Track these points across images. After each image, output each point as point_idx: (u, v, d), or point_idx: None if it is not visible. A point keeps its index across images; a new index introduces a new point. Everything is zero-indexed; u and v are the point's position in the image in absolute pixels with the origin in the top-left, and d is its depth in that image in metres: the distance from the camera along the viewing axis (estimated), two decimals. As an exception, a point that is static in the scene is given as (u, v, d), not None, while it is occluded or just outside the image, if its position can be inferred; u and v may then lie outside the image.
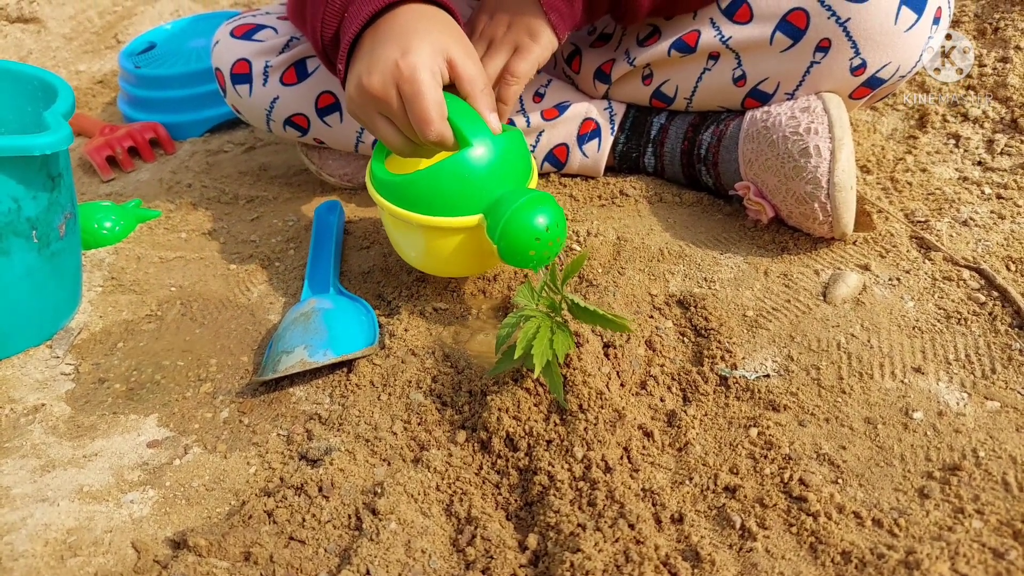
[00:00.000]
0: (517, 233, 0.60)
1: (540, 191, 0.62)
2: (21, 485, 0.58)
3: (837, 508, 0.49)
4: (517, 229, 0.60)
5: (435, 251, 0.66)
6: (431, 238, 0.64)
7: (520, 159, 0.64)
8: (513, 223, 0.59)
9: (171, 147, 1.13)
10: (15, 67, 0.77)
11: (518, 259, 0.61)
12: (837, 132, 0.68)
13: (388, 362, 0.66)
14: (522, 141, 0.66)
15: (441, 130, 0.60)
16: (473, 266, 0.71)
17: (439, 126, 0.60)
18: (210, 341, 0.73)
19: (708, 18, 0.75)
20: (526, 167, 0.66)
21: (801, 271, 0.71)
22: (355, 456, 0.57)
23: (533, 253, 0.60)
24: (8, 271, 0.68)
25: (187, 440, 0.62)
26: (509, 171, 0.63)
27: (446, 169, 0.61)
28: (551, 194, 0.67)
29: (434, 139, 0.60)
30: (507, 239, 0.60)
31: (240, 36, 0.86)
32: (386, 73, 0.60)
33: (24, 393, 0.68)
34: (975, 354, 0.60)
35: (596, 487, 0.51)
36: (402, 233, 0.67)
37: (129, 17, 1.54)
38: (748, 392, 0.59)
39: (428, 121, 0.59)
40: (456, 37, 0.63)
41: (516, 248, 0.60)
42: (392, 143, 0.64)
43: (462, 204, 0.62)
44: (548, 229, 0.60)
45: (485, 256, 0.67)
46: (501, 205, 0.60)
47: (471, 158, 0.60)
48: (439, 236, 0.64)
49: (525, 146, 0.66)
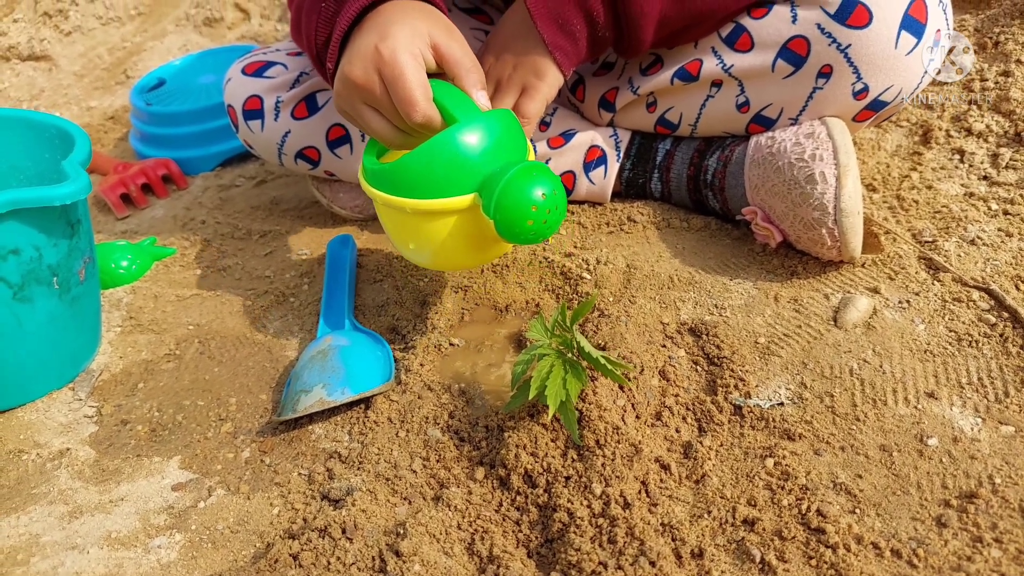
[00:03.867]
0: (512, 204, 0.57)
1: (534, 161, 0.60)
2: (50, 532, 0.59)
3: (855, 539, 0.50)
4: (512, 199, 0.57)
5: (433, 239, 0.63)
6: (426, 224, 0.61)
7: (513, 137, 0.62)
8: (507, 194, 0.57)
9: (183, 183, 1.14)
10: (32, 115, 0.79)
11: (516, 232, 0.58)
12: (842, 158, 0.68)
13: (405, 398, 0.67)
14: (514, 120, 0.63)
15: (427, 111, 0.58)
16: (475, 255, 0.67)
17: (424, 107, 0.58)
18: (229, 379, 0.74)
19: (710, 47, 0.76)
20: (520, 146, 0.63)
21: (811, 296, 0.72)
22: (376, 496, 0.58)
23: (531, 223, 0.58)
24: (31, 318, 0.69)
25: (210, 482, 0.63)
26: (501, 148, 0.60)
27: (435, 148, 0.58)
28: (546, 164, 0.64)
29: (420, 121, 0.59)
30: (503, 211, 0.57)
31: (251, 73, 0.88)
32: (366, 59, 0.59)
33: (49, 437, 0.69)
34: (987, 377, 0.60)
35: (616, 524, 0.51)
36: (398, 224, 0.64)
37: (138, 53, 1.56)
38: (763, 421, 0.60)
39: (413, 103, 0.58)
40: (438, 22, 0.62)
41: (513, 220, 0.58)
42: (381, 134, 0.63)
43: (455, 185, 0.59)
44: (545, 197, 0.58)
45: (487, 243, 0.64)
46: (494, 179, 0.58)
47: (460, 135, 0.58)
48: (434, 221, 0.61)
49: (518, 125, 0.63)
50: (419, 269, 0.84)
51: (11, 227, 0.64)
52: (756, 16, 0.73)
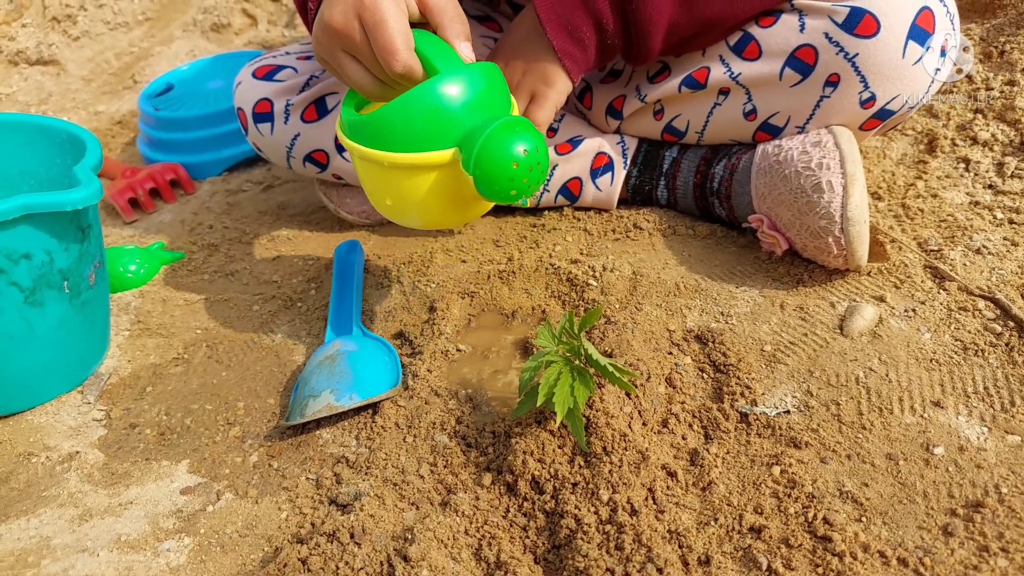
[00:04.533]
0: (493, 159, 0.55)
1: (517, 116, 0.58)
2: (61, 535, 0.59)
3: (862, 547, 0.50)
4: (492, 154, 0.55)
5: (411, 195, 0.60)
6: (404, 179, 0.59)
7: (497, 91, 0.59)
8: (488, 148, 0.55)
9: (191, 187, 1.15)
10: (43, 121, 0.80)
11: (497, 189, 0.57)
12: (849, 168, 0.69)
13: (412, 403, 0.67)
14: (497, 73, 0.60)
15: (407, 60, 0.56)
16: (454, 213, 0.65)
17: (405, 56, 0.56)
18: (236, 384, 0.75)
19: (717, 55, 0.77)
20: (504, 101, 0.60)
21: (817, 304, 0.72)
22: (384, 501, 0.58)
23: (511, 180, 0.56)
24: (41, 322, 0.70)
25: (219, 486, 0.63)
26: (484, 102, 0.58)
27: (415, 100, 0.56)
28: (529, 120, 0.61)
29: (400, 71, 0.56)
30: (483, 167, 0.55)
31: (261, 77, 0.89)
32: (347, 3, 0.57)
33: (58, 440, 0.70)
34: (993, 387, 0.61)
35: (623, 530, 0.52)
36: (376, 179, 0.62)
37: (146, 58, 1.57)
38: (769, 429, 0.60)
39: (393, 51, 0.56)
40: None
41: (493, 177, 0.56)
42: (360, 84, 0.61)
43: (435, 139, 0.57)
44: (527, 153, 0.56)
45: (466, 201, 0.62)
46: (475, 133, 0.56)
47: (441, 87, 0.56)
48: (412, 176, 0.59)
49: (502, 79, 0.61)
50: (426, 275, 0.84)
51: (23, 232, 0.65)
52: (764, 25, 0.74)
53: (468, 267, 0.85)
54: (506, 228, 0.92)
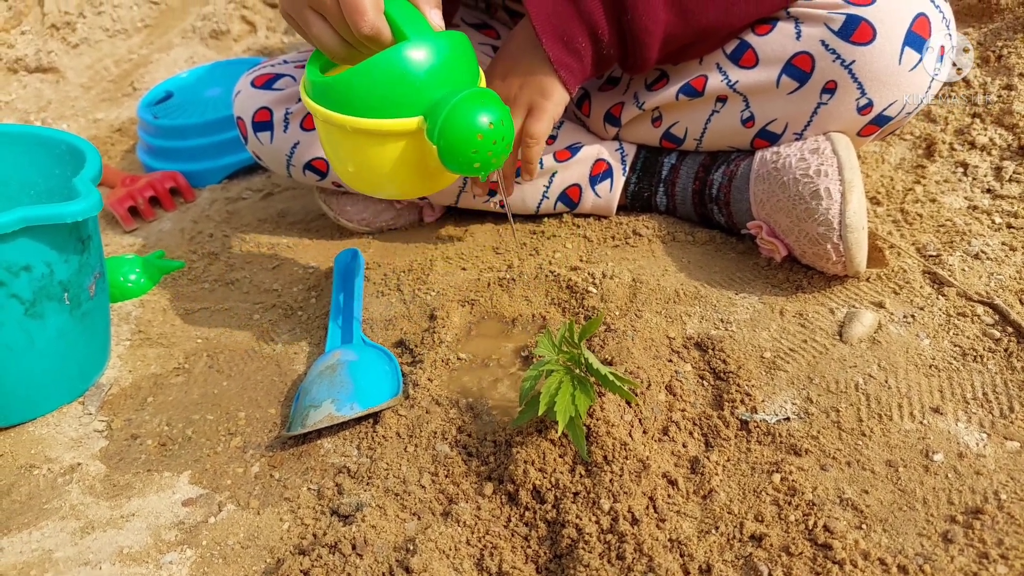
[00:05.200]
0: (457, 130, 0.55)
1: (484, 88, 0.58)
2: (63, 548, 0.59)
3: (862, 555, 0.50)
4: (457, 125, 0.55)
5: (374, 162, 0.59)
6: (368, 146, 0.58)
7: (465, 61, 0.59)
8: (452, 119, 0.55)
9: (191, 195, 1.15)
10: (43, 132, 0.80)
11: (460, 161, 0.57)
12: (847, 175, 0.69)
13: (413, 412, 0.67)
14: (467, 44, 0.60)
15: (375, 22, 0.55)
16: (415, 183, 0.63)
17: (373, 17, 0.55)
18: (237, 393, 0.75)
19: (714, 63, 0.77)
20: (472, 73, 0.60)
21: (816, 310, 0.72)
22: (386, 511, 0.58)
23: (475, 152, 0.56)
24: (42, 333, 0.70)
25: (220, 497, 0.63)
26: (451, 71, 0.57)
27: (381, 64, 0.55)
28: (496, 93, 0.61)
29: (368, 32, 0.56)
30: (446, 137, 0.55)
31: (261, 86, 0.89)
32: None
33: (60, 452, 0.70)
34: (992, 392, 0.61)
35: (624, 540, 0.52)
36: (338, 144, 0.61)
37: (145, 65, 1.57)
38: (769, 436, 0.60)
39: (361, 11, 0.54)
40: None
41: (457, 148, 0.56)
42: (325, 44, 0.59)
43: (400, 106, 0.56)
44: (492, 126, 0.56)
45: (429, 172, 0.61)
46: (440, 103, 0.56)
47: (408, 53, 0.55)
48: (377, 143, 0.58)
49: (471, 49, 0.60)
50: (426, 282, 0.85)
51: (23, 244, 0.65)
52: (760, 33, 0.74)
53: (468, 274, 0.86)
54: (506, 235, 0.92)
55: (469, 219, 0.96)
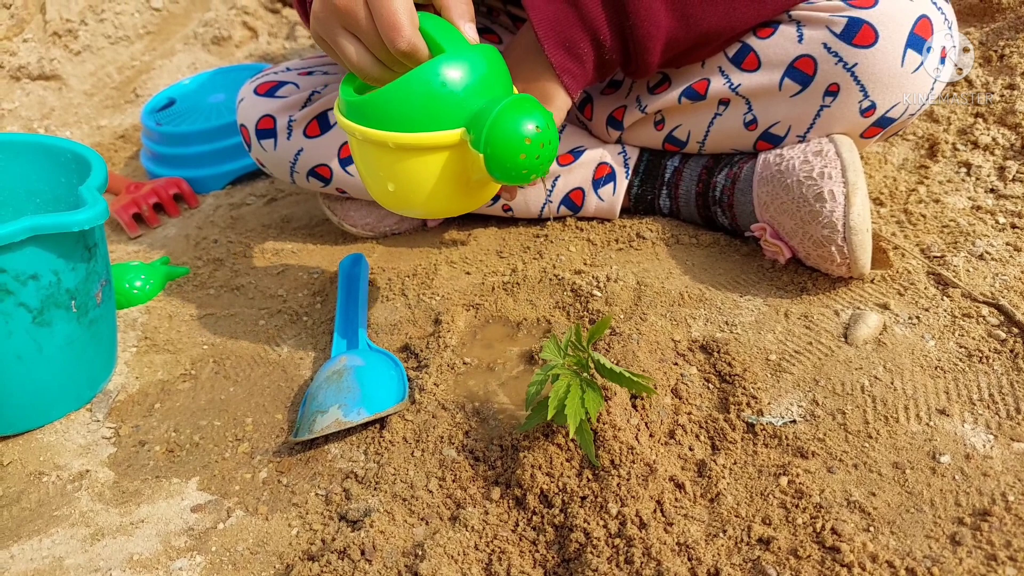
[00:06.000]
0: (505, 136, 0.55)
1: (524, 94, 0.58)
2: (73, 555, 0.60)
3: (871, 558, 0.50)
4: (504, 132, 0.55)
5: (415, 178, 0.59)
6: (410, 161, 0.58)
7: (500, 72, 0.59)
8: (499, 126, 0.55)
9: (195, 201, 1.16)
10: (48, 140, 0.80)
11: (508, 168, 0.56)
12: (850, 176, 0.69)
13: (419, 417, 0.68)
14: (499, 56, 0.60)
15: (412, 38, 0.55)
16: (458, 198, 0.63)
17: (410, 33, 0.54)
18: (244, 399, 0.75)
19: (717, 67, 0.77)
20: (507, 84, 0.60)
21: (821, 312, 0.72)
22: (394, 517, 0.58)
23: (523, 157, 0.56)
24: (50, 342, 0.70)
25: (229, 503, 0.64)
26: (489, 83, 0.57)
27: (421, 78, 0.55)
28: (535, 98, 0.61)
29: (405, 48, 0.55)
30: (494, 145, 0.55)
31: (264, 93, 0.89)
32: None
33: (68, 459, 0.70)
34: (999, 393, 0.61)
35: (632, 544, 0.52)
36: (377, 163, 0.60)
37: (147, 71, 1.58)
38: (776, 439, 0.60)
39: (398, 27, 0.54)
40: None
41: (505, 154, 0.55)
42: (359, 64, 0.59)
43: (441, 119, 0.56)
44: (539, 130, 0.56)
45: (471, 185, 0.61)
46: (484, 112, 0.55)
47: (448, 66, 0.55)
48: (418, 157, 0.58)
49: (503, 61, 0.60)
50: (431, 287, 0.85)
51: (31, 253, 0.65)
52: (762, 36, 0.74)
53: (472, 279, 0.86)
54: (509, 239, 0.92)
55: (473, 223, 0.97)
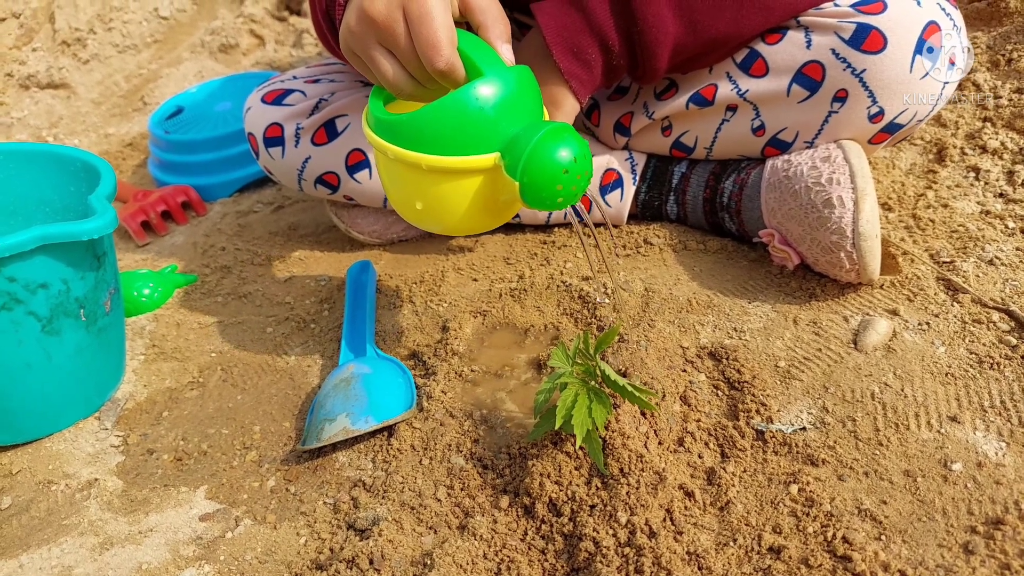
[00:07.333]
0: (542, 166, 0.54)
1: (561, 122, 0.58)
2: (83, 564, 0.60)
3: (882, 567, 0.50)
4: (542, 161, 0.54)
5: (447, 200, 0.58)
6: (441, 183, 0.57)
7: (534, 96, 0.58)
8: (537, 155, 0.54)
9: (202, 209, 1.16)
10: (58, 150, 0.81)
11: (543, 196, 0.56)
12: (859, 182, 0.69)
13: (427, 425, 0.67)
14: (533, 77, 0.59)
15: (451, 58, 0.54)
16: (485, 217, 0.63)
17: (449, 53, 0.54)
18: (252, 407, 0.75)
19: (724, 72, 0.77)
20: (539, 107, 0.59)
21: (830, 318, 0.72)
22: (402, 525, 0.58)
23: (560, 187, 0.55)
24: (59, 350, 0.70)
25: (237, 511, 0.64)
26: (525, 106, 0.57)
27: (459, 101, 0.54)
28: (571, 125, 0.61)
29: (443, 68, 0.54)
30: (531, 173, 0.54)
31: (271, 102, 0.89)
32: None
33: (77, 468, 0.70)
34: (1010, 400, 0.60)
35: (642, 553, 0.52)
36: (406, 182, 0.59)
37: (155, 80, 1.59)
38: (785, 446, 0.60)
39: (437, 46, 0.53)
40: None
41: (542, 184, 0.55)
42: (393, 81, 0.58)
43: (476, 142, 0.55)
44: (576, 160, 0.55)
45: (499, 206, 0.61)
46: (521, 139, 0.55)
47: (485, 89, 0.54)
48: (450, 180, 0.57)
49: (536, 82, 0.59)
50: (438, 294, 0.85)
51: (40, 262, 0.66)
52: (770, 42, 0.74)
53: (480, 285, 0.86)
54: (516, 245, 0.92)
55: (480, 230, 0.97)
